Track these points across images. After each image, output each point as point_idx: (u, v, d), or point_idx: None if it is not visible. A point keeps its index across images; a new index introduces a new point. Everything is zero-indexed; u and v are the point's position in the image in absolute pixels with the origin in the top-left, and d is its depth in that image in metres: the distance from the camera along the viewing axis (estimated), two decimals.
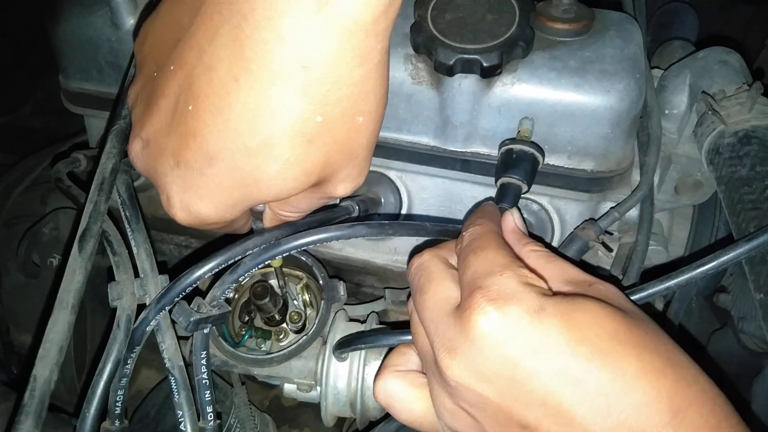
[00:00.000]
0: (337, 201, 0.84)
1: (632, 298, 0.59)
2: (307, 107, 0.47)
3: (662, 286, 0.60)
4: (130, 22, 0.82)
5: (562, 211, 0.81)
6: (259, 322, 0.84)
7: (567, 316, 0.44)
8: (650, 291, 0.60)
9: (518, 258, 0.52)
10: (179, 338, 0.66)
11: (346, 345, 0.69)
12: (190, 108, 0.47)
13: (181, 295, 0.55)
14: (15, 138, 1.81)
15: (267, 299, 0.78)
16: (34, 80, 1.78)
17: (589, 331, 0.43)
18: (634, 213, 0.81)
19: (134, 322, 0.55)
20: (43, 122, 1.81)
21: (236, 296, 0.85)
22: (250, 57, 0.45)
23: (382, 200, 0.85)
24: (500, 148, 0.72)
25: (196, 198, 0.50)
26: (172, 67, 0.50)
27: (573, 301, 0.45)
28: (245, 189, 0.49)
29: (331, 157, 0.51)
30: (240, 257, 0.56)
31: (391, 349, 0.62)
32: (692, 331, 0.98)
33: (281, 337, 0.83)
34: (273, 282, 0.85)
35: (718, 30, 1.53)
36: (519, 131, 0.72)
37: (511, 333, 0.43)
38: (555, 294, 0.48)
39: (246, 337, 0.81)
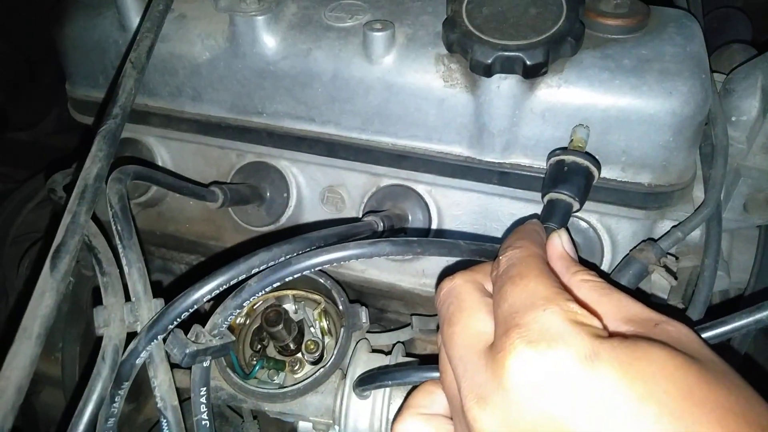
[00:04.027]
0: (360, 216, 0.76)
1: (706, 335, 0.50)
2: None
3: (743, 322, 0.50)
4: (137, 22, 0.76)
5: (614, 230, 0.72)
6: (272, 351, 0.76)
7: (628, 366, 0.35)
8: (729, 327, 0.50)
9: (566, 289, 0.44)
10: (179, 366, 0.58)
11: (368, 381, 0.60)
12: None
13: (175, 322, 0.47)
14: (36, 155, 1.79)
15: (281, 326, 0.71)
16: (51, 95, 1.76)
17: (657, 386, 0.34)
18: (694, 233, 0.72)
19: (122, 353, 0.48)
20: (64, 140, 1.79)
21: (247, 322, 0.77)
22: None
23: (410, 217, 0.76)
24: (549, 158, 0.63)
25: None
26: None
27: (635, 345, 0.37)
28: None
29: None
30: (245, 277, 0.48)
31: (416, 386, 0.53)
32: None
33: (296, 368, 0.75)
34: (288, 306, 0.77)
35: None
36: (572, 140, 0.63)
37: (555, 384, 0.36)
38: (611, 335, 0.39)
39: (257, 367, 0.73)
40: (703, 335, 0.49)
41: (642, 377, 0.34)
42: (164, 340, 0.49)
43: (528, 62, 0.61)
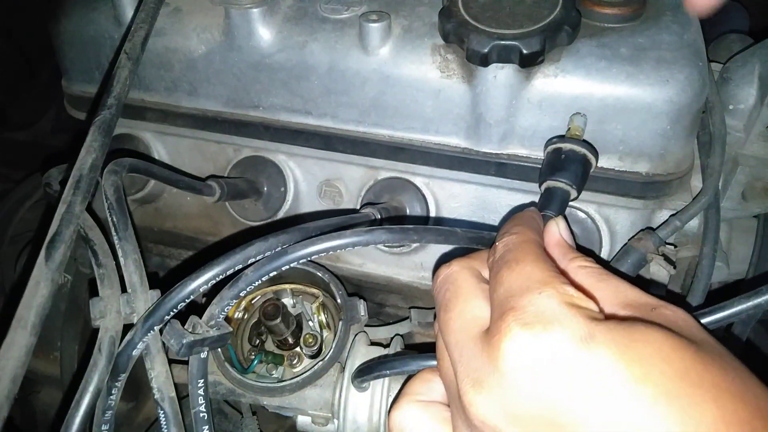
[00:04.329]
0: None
1: (705, 320, 0.50)
2: None
3: (741, 307, 0.50)
4: (131, 15, 0.75)
5: (612, 220, 0.72)
6: (270, 345, 0.76)
7: (624, 347, 0.35)
8: (727, 312, 0.50)
9: (563, 274, 0.43)
10: (177, 362, 0.58)
11: (367, 372, 0.60)
12: None
13: (172, 313, 0.47)
14: (34, 155, 1.79)
15: (279, 320, 0.70)
16: (50, 93, 1.76)
17: (653, 367, 0.34)
18: (693, 223, 0.72)
19: (119, 345, 0.47)
20: (62, 139, 1.79)
21: (245, 317, 0.77)
22: None
23: (407, 210, 0.76)
24: (546, 146, 0.63)
25: None
26: None
27: (631, 327, 0.36)
28: None
29: None
30: (241, 267, 0.47)
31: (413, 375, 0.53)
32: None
33: (295, 362, 0.74)
34: (286, 300, 0.77)
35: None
36: (569, 128, 0.63)
37: (551, 366, 0.35)
38: (608, 318, 0.39)
39: (255, 362, 0.72)
40: (702, 320, 0.49)
41: (638, 359, 0.34)
42: (161, 331, 0.49)
43: (524, 51, 0.61)
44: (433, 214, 0.77)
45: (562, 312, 0.37)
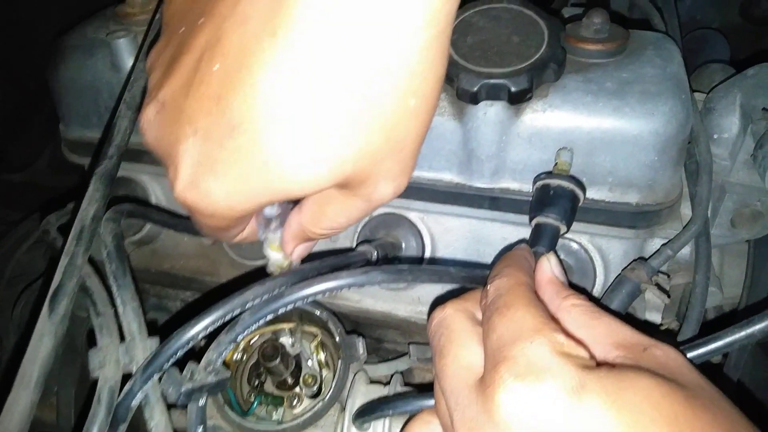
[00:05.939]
0: (353, 246, 0.77)
1: (699, 351, 0.50)
2: (353, 76, 0.38)
3: (734, 337, 0.50)
4: (130, 63, 0.77)
5: (605, 250, 0.72)
6: (269, 386, 0.75)
7: (614, 396, 0.36)
8: (721, 343, 0.50)
9: (554, 317, 0.44)
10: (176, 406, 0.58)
11: (368, 412, 0.60)
12: (215, 68, 0.40)
13: (171, 360, 0.47)
14: (29, 196, 1.79)
15: (278, 360, 0.70)
16: (47, 133, 1.77)
17: (643, 415, 0.35)
18: (684, 251, 0.72)
19: (118, 395, 0.47)
20: (58, 180, 1.80)
21: (244, 358, 0.77)
22: (292, 5, 0.37)
23: (403, 245, 0.77)
24: (535, 183, 0.64)
25: (210, 175, 0.41)
26: (201, 21, 0.42)
27: (621, 375, 0.37)
28: (266, 175, 0.40)
29: (372, 144, 0.41)
30: (238, 311, 0.48)
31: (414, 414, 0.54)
32: (746, 381, 0.87)
33: (295, 403, 0.74)
34: (285, 339, 0.77)
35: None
36: (556, 164, 0.64)
37: (545, 417, 0.36)
38: (599, 365, 0.40)
39: (255, 404, 0.72)
40: (696, 352, 0.49)
41: (628, 407, 0.35)
42: (159, 379, 0.49)
43: (513, 89, 0.62)
44: (428, 248, 0.77)
45: (554, 361, 0.38)
